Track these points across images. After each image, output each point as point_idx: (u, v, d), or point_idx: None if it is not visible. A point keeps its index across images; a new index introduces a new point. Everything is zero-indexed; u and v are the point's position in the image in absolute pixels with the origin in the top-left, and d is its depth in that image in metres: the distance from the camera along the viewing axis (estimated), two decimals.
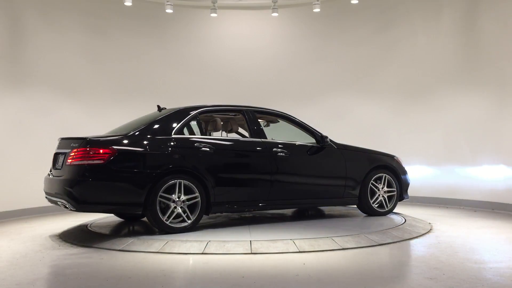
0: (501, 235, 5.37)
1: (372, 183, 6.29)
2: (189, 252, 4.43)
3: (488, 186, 7.54)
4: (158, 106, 6.01)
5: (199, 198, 5.20)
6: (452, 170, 8.18)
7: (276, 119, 6.40)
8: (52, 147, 5.58)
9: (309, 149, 6.04)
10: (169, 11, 8.89)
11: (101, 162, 4.82)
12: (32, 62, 7.73)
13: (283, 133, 6.29)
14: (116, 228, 5.74)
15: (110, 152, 4.86)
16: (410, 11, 8.82)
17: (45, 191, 5.43)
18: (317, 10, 8.98)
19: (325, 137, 6.08)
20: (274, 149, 5.74)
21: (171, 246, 4.55)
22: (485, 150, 7.64)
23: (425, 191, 8.31)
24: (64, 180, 4.95)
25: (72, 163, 4.90)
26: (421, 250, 4.69)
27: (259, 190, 5.66)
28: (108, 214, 6.44)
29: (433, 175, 8.45)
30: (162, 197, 5.03)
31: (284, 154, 5.76)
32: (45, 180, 5.45)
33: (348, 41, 9.33)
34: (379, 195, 6.33)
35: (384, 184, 6.38)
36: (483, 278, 3.57)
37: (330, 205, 6.61)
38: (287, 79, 9.53)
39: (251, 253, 4.37)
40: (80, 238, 5.17)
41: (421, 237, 5.20)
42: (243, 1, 9.43)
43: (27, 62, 7.67)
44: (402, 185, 6.55)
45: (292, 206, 6.38)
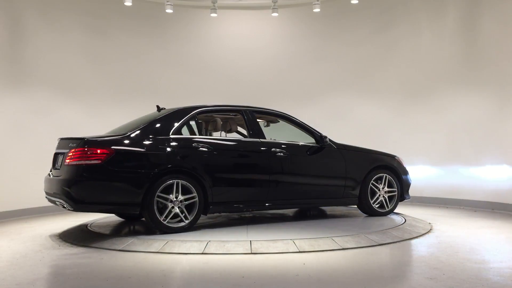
0: (501, 235, 5.37)
1: (373, 183, 6.26)
2: (189, 252, 4.43)
3: (491, 186, 7.49)
4: (157, 106, 6.01)
5: (196, 198, 5.20)
6: (452, 170, 8.17)
7: (276, 119, 6.39)
8: (52, 147, 5.58)
9: (309, 149, 6.02)
10: (169, 11, 8.90)
11: (99, 162, 4.84)
12: (32, 62, 7.73)
13: (283, 133, 6.28)
14: (116, 228, 5.74)
15: (107, 152, 4.87)
16: (410, 11, 8.82)
17: (45, 191, 5.44)
18: (317, 10, 8.99)
19: (325, 137, 6.06)
20: (273, 149, 5.72)
21: (171, 246, 4.55)
22: (487, 150, 7.62)
23: (425, 191, 8.31)
24: (62, 180, 4.98)
25: (70, 163, 4.92)
26: (421, 250, 4.69)
27: (257, 190, 5.65)
28: (108, 214, 6.44)
29: (433, 175, 8.44)
30: (160, 197, 5.04)
31: (283, 154, 5.74)
32: (45, 180, 5.46)
33: (348, 41, 9.33)
34: (379, 195, 6.30)
35: (384, 184, 6.34)
36: (483, 278, 3.56)
37: (330, 205, 6.60)
38: (287, 79, 9.53)
39: (251, 253, 4.37)
40: (80, 238, 5.18)
41: (421, 237, 5.20)
42: (243, 1, 9.43)
43: (27, 62, 7.67)
44: (403, 185, 6.51)
45: (291, 206, 6.32)
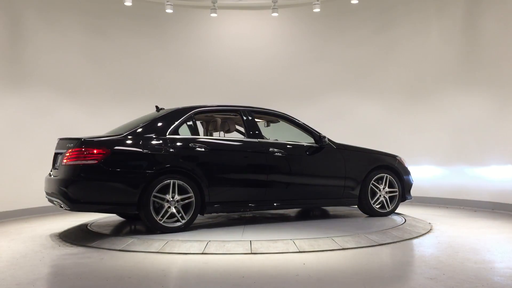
0: (501, 235, 5.37)
1: (373, 184, 6.21)
2: (189, 252, 4.43)
3: (495, 186, 7.45)
4: (156, 106, 6.02)
5: (193, 198, 5.19)
6: (456, 170, 8.16)
7: (275, 119, 6.37)
8: (52, 147, 5.59)
9: (307, 149, 5.99)
10: (169, 11, 8.90)
11: (95, 162, 4.87)
12: (32, 62, 7.73)
13: (283, 133, 6.27)
14: (116, 228, 5.74)
15: (103, 152, 4.90)
16: (410, 11, 8.82)
17: (45, 191, 5.45)
18: (317, 10, 8.99)
19: (323, 137, 6.02)
20: (271, 149, 5.70)
21: (171, 246, 4.55)
22: (492, 150, 7.58)
23: (428, 191, 8.30)
24: (59, 180, 5.02)
25: (67, 163, 4.96)
26: (421, 250, 4.69)
27: (255, 190, 5.63)
28: (108, 214, 6.44)
29: (435, 175, 8.44)
30: (156, 197, 5.05)
31: (281, 154, 5.72)
32: (45, 180, 5.46)
33: (348, 41, 9.33)
34: (380, 196, 6.25)
35: (385, 184, 6.29)
36: (483, 278, 3.56)
37: (329, 205, 6.57)
38: (287, 79, 9.53)
39: (251, 253, 4.37)
40: (80, 238, 5.18)
41: (421, 237, 5.19)
42: (243, 1, 9.43)
43: (27, 62, 7.67)
44: (404, 186, 6.45)
45: (289, 206, 6.17)
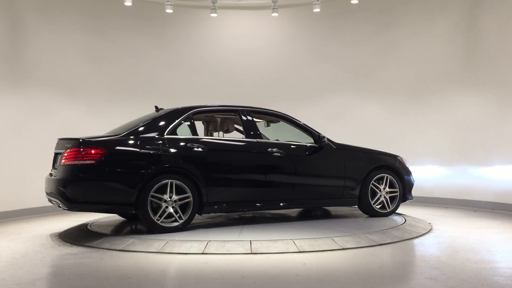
0: (501, 235, 5.37)
1: (373, 184, 6.17)
2: (189, 252, 4.43)
3: (498, 186, 7.42)
4: (156, 106, 6.03)
5: (191, 198, 5.20)
6: (453, 170, 8.18)
7: (275, 119, 6.35)
8: (52, 147, 5.60)
9: (306, 149, 5.97)
10: (169, 11, 8.90)
11: (93, 162, 4.89)
12: (32, 62, 7.73)
13: (284, 133, 6.25)
14: (116, 228, 5.74)
15: (101, 152, 4.92)
16: (410, 11, 8.82)
17: (45, 191, 5.46)
18: (317, 10, 8.98)
19: (323, 137, 5.99)
20: (269, 149, 5.69)
21: (171, 246, 4.55)
22: (488, 150, 7.60)
23: (426, 191, 8.30)
24: (57, 180, 5.06)
25: (65, 163, 4.99)
26: (421, 250, 4.68)
27: (253, 191, 5.62)
28: (109, 214, 6.44)
29: (434, 175, 8.44)
30: (154, 197, 5.05)
31: (279, 154, 5.71)
32: (45, 180, 5.47)
33: (348, 41, 9.33)
34: (380, 196, 6.21)
35: (385, 184, 6.25)
36: (483, 278, 3.56)
37: (329, 205, 6.57)
38: (287, 79, 9.52)
39: (251, 253, 4.37)
40: (80, 238, 5.18)
41: (421, 237, 5.19)
42: (243, 1, 9.43)
43: (27, 62, 7.67)
44: (405, 186, 6.40)
45: (288, 206, 6.04)
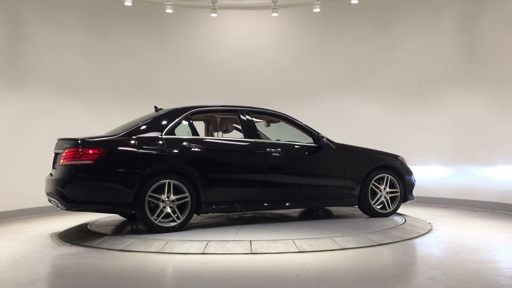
0: (501, 235, 5.37)
1: (373, 184, 6.14)
2: (189, 252, 4.43)
3: (499, 186, 7.40)
4: (155, 107, 6.03)
5: (188, 198, 5.20)
6: (453, 170, 8.17)
7: (274, 119, 6.34)
8: (52, 147, 5.60)
9: (306, 149, 5.95)
10: (169, 11, 8.90)
11: (90, 162, 4.90)
12: (32, 62, 7.73)
13: (285, 133, 6.24)
14: (116, 228, 5.74)
15: (99, 152, 4.94)
16: (410, 11, 8.82)
17: (45, 191, 5.46)
18: (317, 10, 8.98)
19: (322, 137, 5.96)
20: (268, 149, 5.68)
21: (171, 246, 4.56)
22: (488, 150, 7.60)
23: (426, 191, 8.30)
24: (56, 180, 5.08)
25: (64, 163, 5.01)
26: (421, 250, 4.68)
27: (251, 191, 5.61)
28: (109, 214, 6.44)
29: (433, 175, 8.44)
30: (151, 196, 5.06)
31: (278, 154, 5.70)
32: (45, 180, 5.47)
33: (348, 41, 9.33)
34: (380, 196, 6.18)
35: (386, 184, 6.21)
36: (483, 278, 3.56)
37: (328, 205, 6.56)
38: (287, 79, 9.52)
39: (251, 253, 4.37)
40: (80, 238, 5.18)
41: (421, 237, 5.19)
42: (243, 1, 9.43)
43: (27, 62, 7.67)
44: (406, 186, 6.36)
45: (287, 207, 6.00)
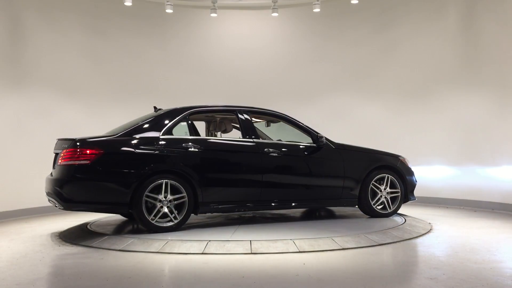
0: (501, 235, 5.37)
1: (374, 184, 6.11)
2: (189, 252, 4.43)
3: (500, 186, 7.39)
4: (154, 107, 6.04)
5: (186, 198, 5.20)
6: (453, 170, 8.17)
7: (273, 119, 6.33)
8: (52, 147, 5.60)
9: (304, 149, 5.93)
10: (169, 11, 8.90)
11: (88, 162, 4.93)
12: (32, 62, 7.73)
13: (285, 133, 6.24)
14: (116, 228, 5.75)
15: (96, 152, 4.97)
16: (410, 11, 8.81)
17: (45, 191, 5.46)
18: (317, 10, 8.98)
19: (321, 136, 5.93)
20: (266, 149, 5.67)
21: (171, 246, 4.56)
22: (488, 150, 7.59)
23: (426, 191, 8.29)
24: (54, 180, 5.11)
25: (62, 163, 5.04)
26: (421, 250, 4.69)
27: (249, 191, 5.60)
28: (109, 214, 6.44)
29: (433, 175, 8.43)
30: (149, 196, 5.06)
31: (276, 154, 5.69)
32: (45, 180, 5.48)
33: (348, 41, 9.33)
34: (381, 196, 6.15)
35: (386, 185, 6.17)
36: (483, 278, 3.56)
37: (327, 205, 6.55)
38: (287, 79, 9.52)
39: (251, 253, 4.37)
40: (80, 238, 5.18)
41: (421, 237, 5.19)
42: (243, 1, 9.43)
43: (27, 62, 7.67)
44: (407, 186, 6.32)
45: (285, 207, 5.99)
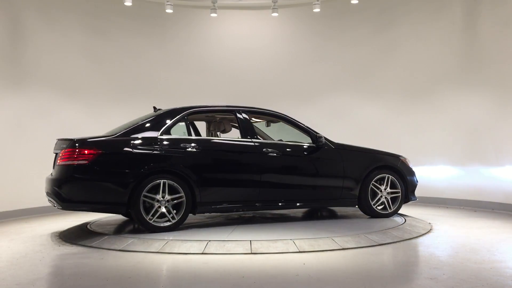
0: (501, 235, 5.37)
1: (374, 184, 6.08)
2: (189, 252, 4.43)
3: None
4: (154, 107, 6.04)
5: (184, 198, 5.21)
6: (453, 170, 8.18)
7: (272, 119, 6.32)
8: (52, 147, 5.60)
9: (303, 149, 5.92)
10: (169, 11, 8.90)
11: (86, 162, 4.95)
12: (32, 62, 7.73)
13: (285, 133, 6.24)
14: (116, 228, 5.74)
15: (94, 152, 4.98)
16: (410, 11, 8.81)
17: (45, 191, 5.47)
18: (317, 10, 8.98)
19: (320, 136, 5.90)
20: (265, 149, 5.67)
21: (171, 246, 4.56)
22: (488, 150, 7.60)
23: (426, 191, 8.29)
24: (53, 180, 5.13)
25: (60, 163, 5.06)
26: (421, 250, 4.69)
27: (247, 191, 5.59)
28: (108, 214, 6.44)
29: (433, 175, 8.44)
30: (146, 196, 5.07)
31: (275, 154, 5.68)
32: (45, 180, 5.48)
33: (348, 41, 9.32)
34: (381, 196, 6.12)
35: (386, 185, 6.14)
36: (483, 278, 3.57)
37: (327, 205, 6.55)
38: (287, 79, 9.52)
39: (251, 253, 4.38)
40: (80, 238, 5.18)
41: (421, 237, 5.19)
42: (243, 1, 9.43)
43: (27, 62, 7.67)
44: (408, 186, 6.29)
45: (284, 207, 5.89)
